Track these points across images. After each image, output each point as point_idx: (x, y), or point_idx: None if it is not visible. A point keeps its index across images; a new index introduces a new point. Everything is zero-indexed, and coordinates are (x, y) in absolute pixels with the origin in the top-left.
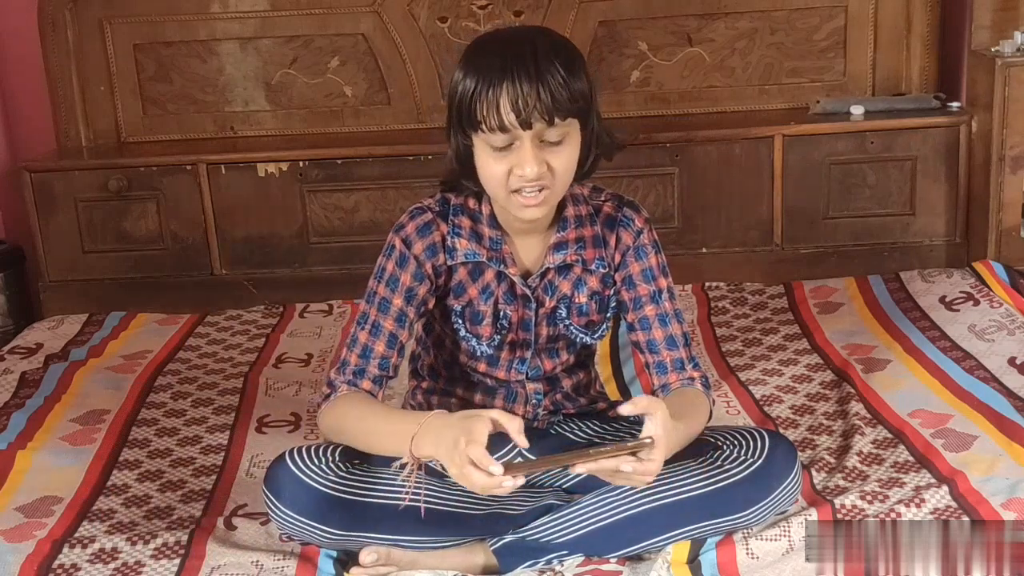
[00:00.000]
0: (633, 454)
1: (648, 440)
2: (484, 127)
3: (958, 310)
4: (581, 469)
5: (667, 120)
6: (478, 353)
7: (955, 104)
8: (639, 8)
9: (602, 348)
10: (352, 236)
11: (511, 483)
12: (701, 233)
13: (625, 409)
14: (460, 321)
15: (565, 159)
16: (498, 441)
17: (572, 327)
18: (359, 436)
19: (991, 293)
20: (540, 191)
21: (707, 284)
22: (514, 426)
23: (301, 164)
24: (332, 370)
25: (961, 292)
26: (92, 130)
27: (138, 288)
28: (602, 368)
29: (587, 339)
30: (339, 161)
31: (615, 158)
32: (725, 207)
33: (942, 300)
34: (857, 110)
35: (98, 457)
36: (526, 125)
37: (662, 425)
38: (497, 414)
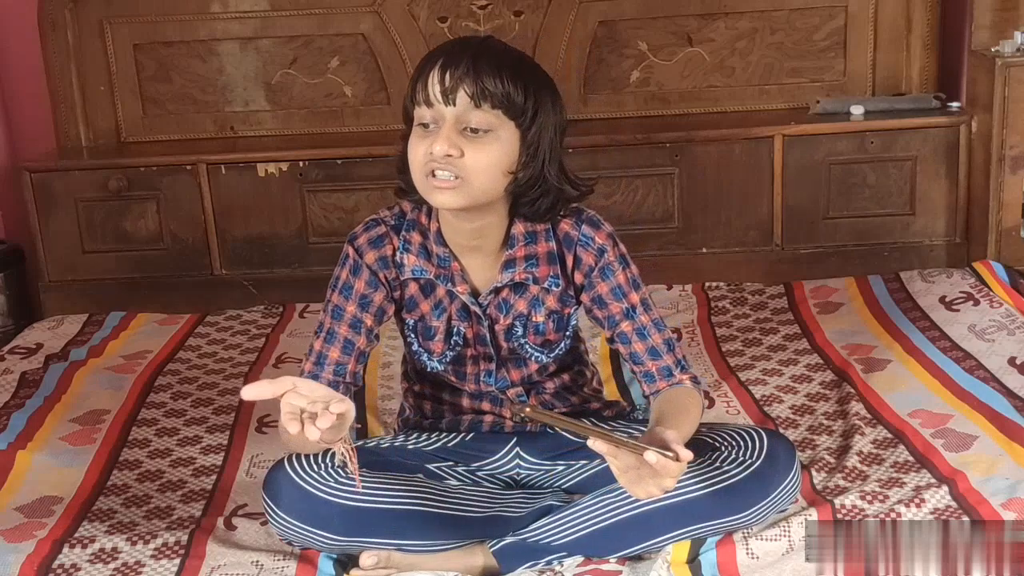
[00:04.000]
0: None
1: (671, 455)
2: (413, 103)
3: (958, 310)
4: (600, 447)
5: (667, 120)
6: (428, 368)
7: (955, 104)
8: (639, 8)
9: (602, 348)
10: None
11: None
12: (701, 233)
13: (652, 455)
14: (413, 335)
15: (484, 153)
16: (494, 440)
17: (527, 345)
18: (297, 444)
19: (991, 293)
20: (455, 179)
21: (707, 284)
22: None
23: (301, 164)
24: None
25: (961, 292)
26: (92, 130)
27: (138, 288)
28: (602, 368)
29: (543, 358)
30: (339, 161)
31: (615, 159)
32: (725, 207)
33: (942, 300)
34: (857, 110)
35: (98, 457)
36: (447, 100)
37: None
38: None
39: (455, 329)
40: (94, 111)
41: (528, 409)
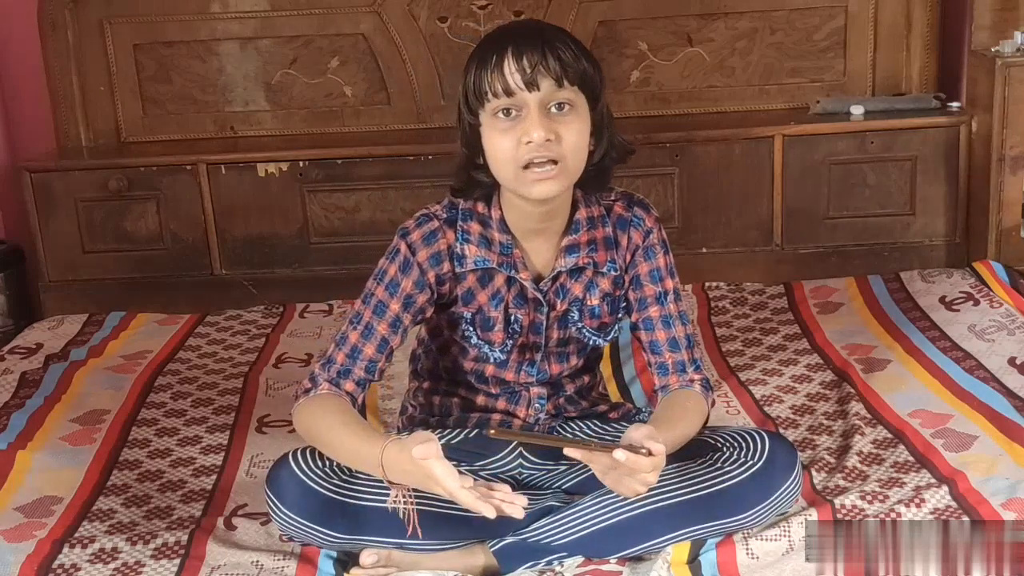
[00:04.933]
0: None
1: (644, 451)
2: (490, 94)
3: (958, 310)
4: (575, 454)
5: (667, 120)
6: (491, 359)
7: (955, 104)
8: (639, 8)
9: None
10: (352, 236)
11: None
12: (701, 233)
13: (620, 453)
14: (471, 328)
15: (574, 130)
16: (493, 445)
17: (585, 329)
18: (327, 447)
19: (991, 293)
20: (554, 165)
21: (707, 284)
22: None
23: (301, 164)
24: (317, 365)
25: (961, 292)
26: (92, 130)
27: (138, 288)
28: (603, 368)
29: (600, 341)
30: (339, 161)
31: None
32: (725, 207)
33: (942, 300)
34: (857, 110)
35: (98, 457)
36: (532, 86)
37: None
38: (420, 451)
39: (512, 317)
40: (94, 111)
41: (492, 431)
